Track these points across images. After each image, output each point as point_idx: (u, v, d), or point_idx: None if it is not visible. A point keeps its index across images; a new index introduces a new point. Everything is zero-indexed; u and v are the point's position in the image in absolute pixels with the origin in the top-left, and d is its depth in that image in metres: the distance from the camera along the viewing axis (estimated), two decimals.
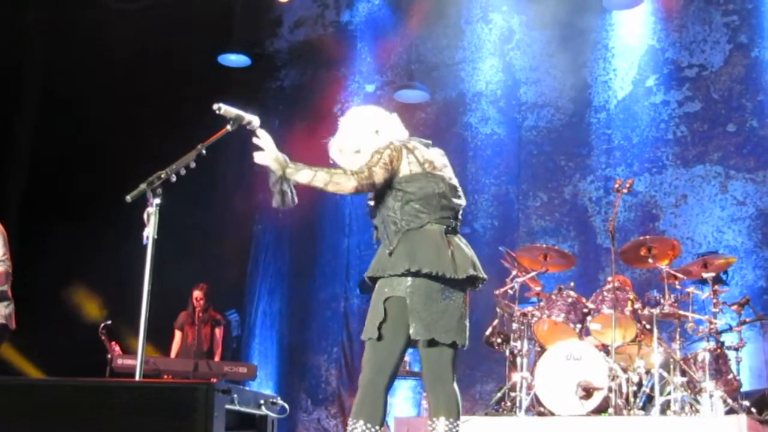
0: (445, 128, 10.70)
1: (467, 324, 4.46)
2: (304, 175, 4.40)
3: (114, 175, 8.38)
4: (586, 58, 10.15)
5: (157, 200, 4.33)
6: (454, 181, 4.65)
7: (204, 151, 4.74)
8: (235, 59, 11.06)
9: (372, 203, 4.62)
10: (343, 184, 4.38)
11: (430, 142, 4.80)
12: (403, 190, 4.47)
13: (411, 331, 4.31)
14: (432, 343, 4.36)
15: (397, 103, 10.82)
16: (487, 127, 10.49)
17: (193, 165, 4.62)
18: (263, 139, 4.50)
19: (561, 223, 9.90)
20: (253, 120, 4.97)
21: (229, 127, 4.86)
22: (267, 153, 4.49)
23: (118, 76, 10.25)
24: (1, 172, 10.67)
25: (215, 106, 4.90)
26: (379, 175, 4.42)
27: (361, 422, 4.26)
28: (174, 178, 4.48)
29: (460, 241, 4.51)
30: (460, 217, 4.62)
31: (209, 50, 10.94)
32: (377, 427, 4.28)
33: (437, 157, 4.66)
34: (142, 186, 4.33)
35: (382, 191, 4.51)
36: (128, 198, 4.30)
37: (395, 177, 4.48)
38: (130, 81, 10.23)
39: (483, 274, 4.53)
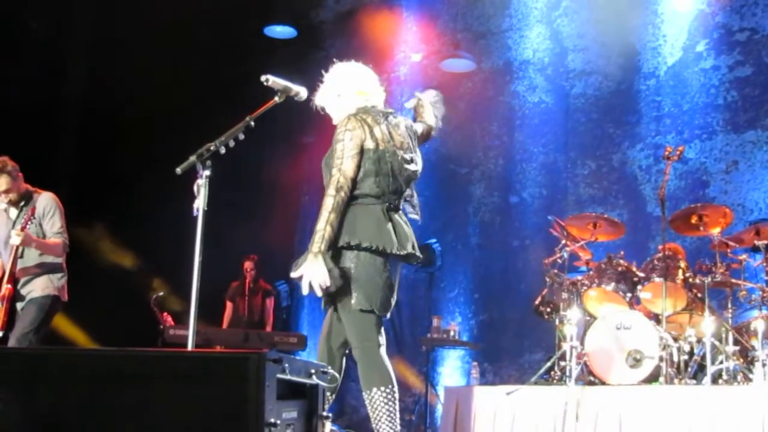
0: (492, 97, 10.64)
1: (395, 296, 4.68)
2: (326, 238, 4.41)
3: (163, 147, 8.45)
4: (634, 24, 10.00)
5: (207, 172, 4.36)
6: (410, 155, 4.77)
7: (252, 123, 4.76)
8: (280, 31, 11.07)
9: (325, 168, 4.75)
10: (332, 205, 4.47)
11: (392, 110, 4.91)
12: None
13: (353, 300, 4.49)
14: (370, 311, 4.51)
15: (443, 72, 10.77)
16: (534, 96, 10.41)
17: (241, 137, 4.65)
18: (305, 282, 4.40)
19: (610, 191, 9.82)
20: (301, 91, 5.00)
21: (277, 98, 4.89)
22: (316, 280, 4.39)
23: (163, 49, 10.28)
24: (53, 143, 10.78)
25: (263, 78, 4.93)
26: (351, 168, 4.57)
27: (374, 389, 4.43)
28: (223, 150, 4.51)
29: (400, 218, 4.69)
30: (407, 191, 4.79)
31: (255, 22, 10.95)
32: (390, 386, 4.46)
33: (398, 130, 4.79)
34: (192, 158, 4.36)
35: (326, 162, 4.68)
36: (178, 170, 4.33)
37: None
38: (175, 54, 10.27)
39: (419, 254, 4.72)
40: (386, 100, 5.04)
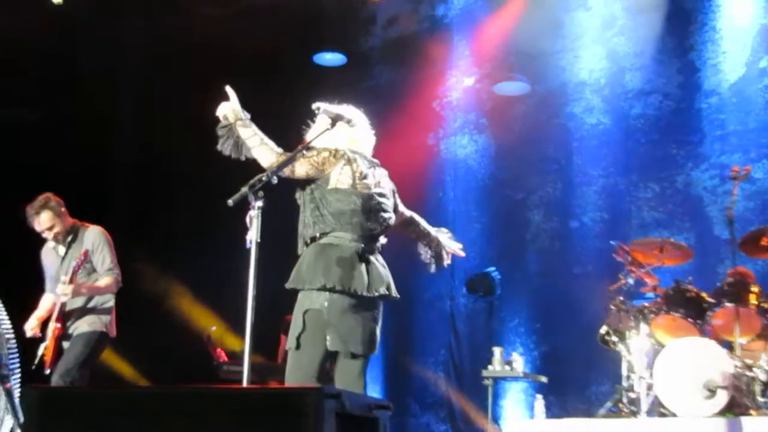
0: (547, 120, 10.55)
1: (378, 335, 4.93)
2: (246, 132, 4.87)
3: (213, 178, 8.45)
4: (693, 41, 9.89)
5: (259, 203, 4.36)
6: (385, 205, 4.96)
7: (305, 152, 4.75)
8: (330, 58, 11.09)
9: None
10: (264, 158, 4.79)
11: (377, 161, 5.09)
12: (321, 196, 4.81)
13: (327, 342, 4.72)
14: (347, 354, 4.80)
15: (497, 96, 10.72)
16: (592, 117, 10.30)
17: None
18: (231, 93, 4.98)
19: (675, 214, 9.66)
20: (354, 118, 4.98)
21: (329, 126, 4.88)
22: (229, 103, 4.95)
23: (212, 80, 10.31)
24: (103, 176, 10.88)
25: (314, 106, 4.96)
26: (302, 168, 4.79)
27: None
28: (275, 180, 4.49)
29: (377, 260, 4.92)
30: (380, 237, 4.98)
31: (304, 50, 10.99)
32: None
33: (377, 176, 4.99)
34: (244, 189, 4.35)
35: (303, 189, 4.90)
36: (230, 202, 4.33)
37: (321, 180, 4.82)
38: (227, 81, 10.32)
39: (395, 294, 4.95)
40: (439, 125, 5.13)
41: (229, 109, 4.95)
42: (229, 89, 4.99)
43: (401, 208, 5.29)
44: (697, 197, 9.56)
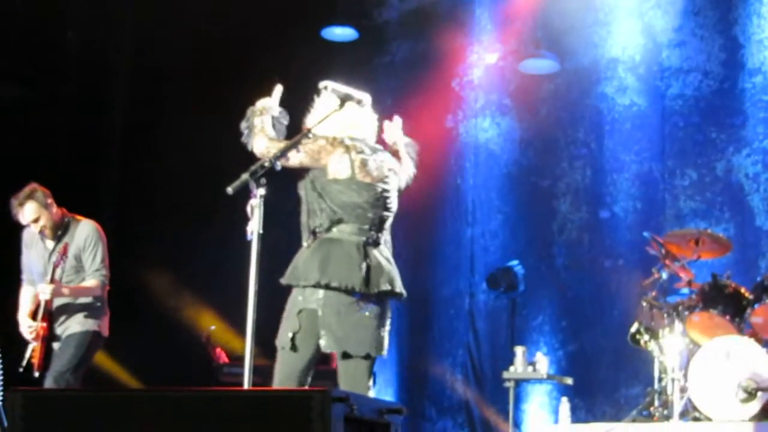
0: (578, 100, 10.55)
1: (384, 335, 4.99)
2: (257, 121, 4.99)
3: (212, 164, 8.52)
4: (737, 15, 9.87)
5: (262, 191, 4.38)
6: (387, 193, 5.06)
7: (311, 135, 4.79)
8: (340, 33, 11.08)
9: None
10: (257, 144, 4.92)
11: (380, 147, 5.18)
12: (322, 187, 4.90)
13: (322, 343, 4.86)
14: (346, 355, 4.88)
15: (522, 74, 10.70)
16: (625, 98, 10.30)
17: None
18: (277, 91, 5.15)
19: (713, 203, 9.67)
20: (364, 98, 5.02)
21: (338, 107, 4.92)
22: (267, 99, 5.10)
23: (215, 55, 10.39)
24: (95, 168, 10.91)
25: (322, 85, 4.99)
26: (295, 157, 4.85)
27: None
28: (279, 167, 4.52)
29: (380, 254, 4.97)
30: (385, 227, 5.08)
31: (312, 24, 10.99)
32: None
33: (381, 164, 5.06)
34: (245, 176, 4.38)
35: (303, 179, 4.99)
36: (229, 189, 4.37)
37: (318, 170, 4.91)
38: (227, 60, 10.37)
39: (400, 290, 5.05)
40: (459, 106, 5.16)
41: (266, 99, 5.11)
42: (278, 87, 5.16)
43: (403, 183, 5.35)
44: (738, 185, 9.56)
